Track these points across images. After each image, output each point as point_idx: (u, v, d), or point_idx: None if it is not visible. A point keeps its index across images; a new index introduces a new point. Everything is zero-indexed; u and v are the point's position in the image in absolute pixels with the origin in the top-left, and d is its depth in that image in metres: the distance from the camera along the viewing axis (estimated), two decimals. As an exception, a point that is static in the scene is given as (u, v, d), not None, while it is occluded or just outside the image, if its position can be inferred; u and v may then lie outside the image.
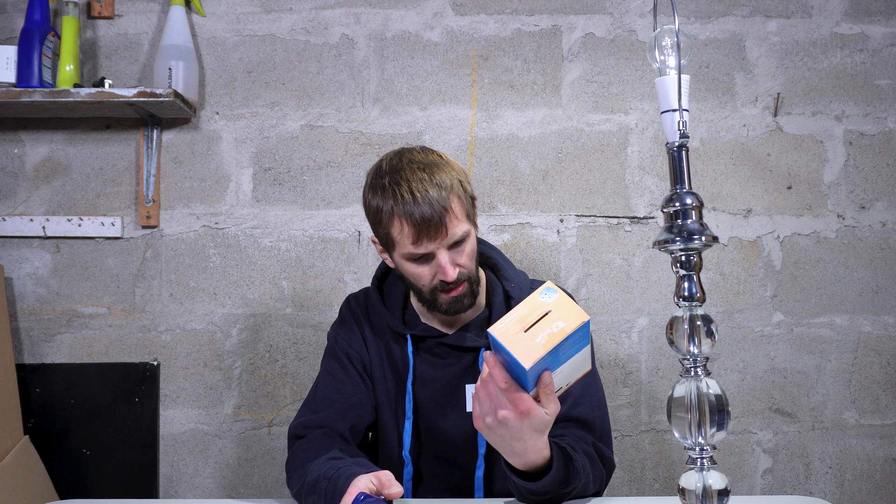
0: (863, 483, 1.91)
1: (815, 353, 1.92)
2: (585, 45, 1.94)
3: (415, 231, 1.21)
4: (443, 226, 1.21)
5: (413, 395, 1.33)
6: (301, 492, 1.16)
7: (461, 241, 1.26)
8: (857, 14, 1.95)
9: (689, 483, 0.87)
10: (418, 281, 1.27)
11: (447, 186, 1.23)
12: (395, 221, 1.23)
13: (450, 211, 1.22)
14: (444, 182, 1.23)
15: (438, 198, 1.21)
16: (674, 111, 0.88)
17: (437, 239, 1.22)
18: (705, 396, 0.86)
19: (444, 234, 1.22)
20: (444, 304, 1.28)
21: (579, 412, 1.29)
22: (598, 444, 1.26)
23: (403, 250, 1.25)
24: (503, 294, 1.37)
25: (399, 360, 1.36)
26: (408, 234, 1.22)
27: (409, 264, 1.27)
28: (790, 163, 1.93)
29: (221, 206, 1.93)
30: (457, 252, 1.26)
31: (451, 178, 1.26)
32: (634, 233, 1.92)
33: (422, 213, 1.20)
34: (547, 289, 0.98)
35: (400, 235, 1.23)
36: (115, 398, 1.89)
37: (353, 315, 1.41)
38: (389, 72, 1.94)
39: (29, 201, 1.92)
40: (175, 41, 1.86)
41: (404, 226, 1.22)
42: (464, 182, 1.29)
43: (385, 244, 1.30)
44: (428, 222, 1.20)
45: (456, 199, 1.24)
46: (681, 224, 0.87)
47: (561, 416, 1.28)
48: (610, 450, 1.30)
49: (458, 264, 1.25)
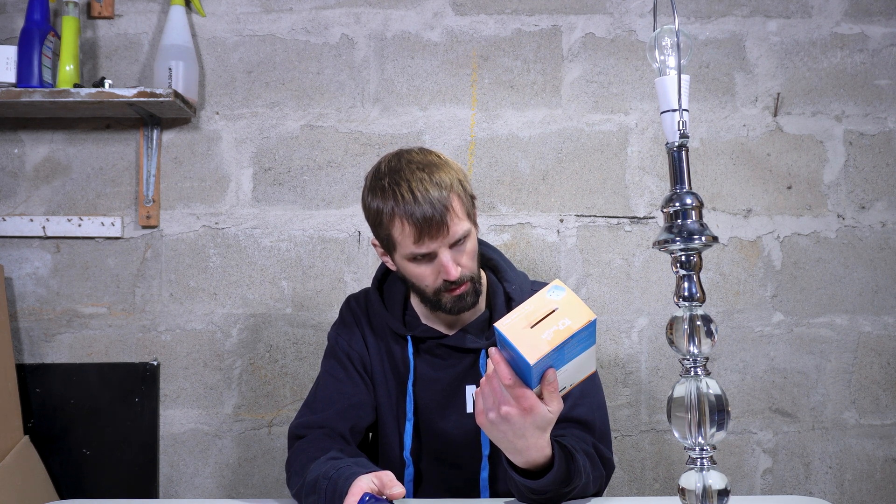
0: (863, 483, 1.91)
1: (815, 353, 1.92)
2: (585, 45, 1.94)
3: (416, 231, 1.21)
4: (444, 225, 1.22)
5: (414, 396, 1.33)
6: (301, 492, 1.16)
7: (462, 239, 1.26)
8: (857, 14, 1.95)
9: (689, 483, 0.87)
10: (421, 282, 1.27)
11: (447, 185, 1.24)
12: (396, 222, 1.23)
13: (450, 210, 1.22)
14: (444, 181, 1.24)
15: (439, 197, 1.21)
16: (674, 111, 0.88)
17: (438, 238, 1.22)
18: (705, 396, 0.86)
19: (446, 233, 1.22)
20: (447, 304, 1.27)
21: (579, 413, 1.29)
22: (597, 444, 1.27)
23: (405, 251, 1.25)
24: (504, 295, 1.37)
25: (399, 361, 1.36)
26: (409, 234, 1.22)
27: (411, 265, 1.27)
28: (790, 163, 1.93)
29: (221, 206, 1.93)
30: (458, 251, 1.26)
31: (451, 177, 1.26)
32: (634, 233, 1.92)
33: (423, 213, 1.20)
34: (555, 286, 0.99)
35: (401, 236, 1.23)
36: (115, 398, 1.89)
37: (354, 315, 1.41)
38: (389, 72, 1.94)
39: (29, 201, 1.92)
40: (175, 41, 1.86)
41: (405, 226, 1.22)
42: (463, 181, 1.29)
43: (386, 246, 1.29)
44: (429, 221, 1.21)
45: (456, 198, 1.25)
46: (681, 224, 0.87)
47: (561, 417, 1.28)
48: (610, 451, 1.31)
49: (459, 264, 1.25)
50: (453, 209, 1.23)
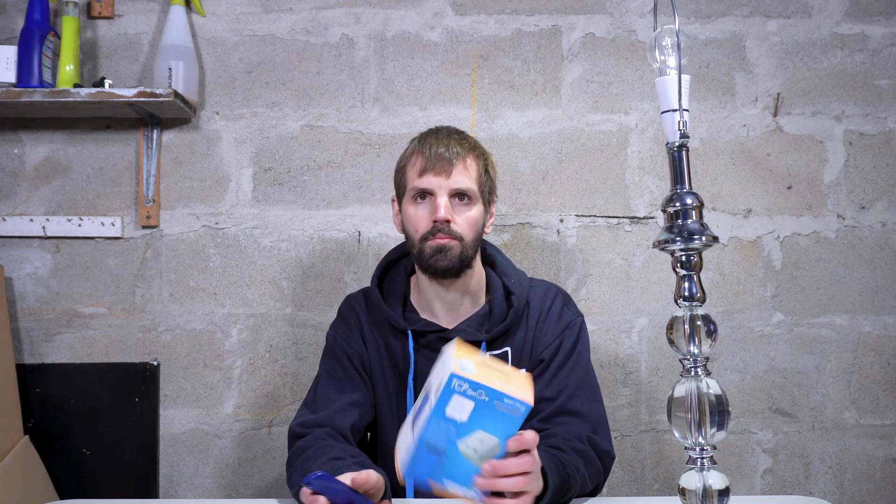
0: (863, 483, 1.91)
1: (815, 353, 1.92)
2: (585, 45, 1.94)
3: (423, 162, 1.31)
4: (450, 166, 1.30)
5: (414, 391, 1.34)
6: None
7: (465, 197, 1.32)
8: (857, 14, 1.95)
9: (689, 483, 0.87)
10: (415, 226, 1.32)
11: (470, 146, 1.35)
12: (412, 158, 1.34)
13: (462, 161, 1.31)
14: (470, 144, 1.36)
15: (458, 148, 1.32)
16: (674, 111, 0.88)
17: (440, 175, 1.29)
18: (705, 396, 0.86)
19: (448, 175, 1.29)
20: (427, 252, 1.30)
21: (574, 405, 1.30)
22: (592, 436, 1.27)
23: (410, 185, 1.33)
24: (503, 289, 1.39)
25: (399, 357, 1.36)
26: (417, 166, 1.32)
27: (411, 207, 1.33)
28: (790, 163, 1.93)
29: (221, 206, 1.93)
30: (458, 206, 1.32)
31: (480, 150, 1.37)
32: (634, 233, 1.92)
33: (435, 150, 1.31)
34: (461, 362, 0.91)
35: (411, 171, 1.33)
36: (114, 398, 1.89)
37: (354, 313, 1.42)
38: (389, 72, 1.94)
39: (29, 201, 1.92)
40: (175, 41, 1.86)
41: (417, 159, 1.32)
42: (490, 167, 1.38)
43: (398, 189, 1.38)
44: (437, 157, 1.30)
45: (473, 160, 1.34)
46: (681, 224, 0.87)
47: (556, 410, 1.30)
48: (608, 441, 1.31)
49: (453, 216, 1.30)
50: (465, 163, 1.31)
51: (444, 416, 0.91)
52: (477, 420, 0.91)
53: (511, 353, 1.36)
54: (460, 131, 1.39)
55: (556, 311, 1.39)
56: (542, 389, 1.32)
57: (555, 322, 1.38)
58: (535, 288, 1.42)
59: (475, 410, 0.90)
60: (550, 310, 1.39)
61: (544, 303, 1.39)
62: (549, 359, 1.35)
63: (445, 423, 0.91)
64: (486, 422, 0.91)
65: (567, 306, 1.42)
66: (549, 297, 1.40)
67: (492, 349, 1.36)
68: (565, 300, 1.43)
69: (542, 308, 1.39)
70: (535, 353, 1.37)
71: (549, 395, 1.32)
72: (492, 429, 0.92)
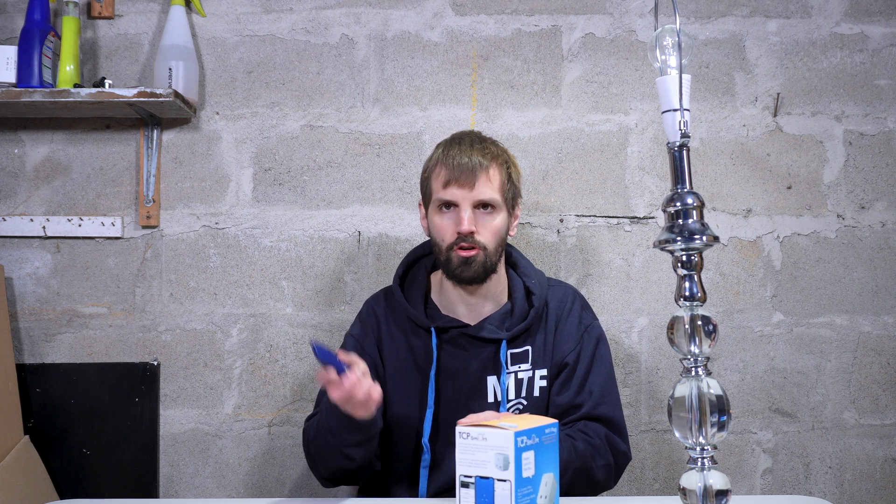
0: (863, 483, 1.91)
1: (815, 353, 1.92)
2: (585, 46, 1.94)
3: (447, 174, 1.33)
4: (474, 178, 1.32)
5: (436, 387, 1.38)
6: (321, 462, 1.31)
7: (488, 207, 1.34)
8: (857, 14, 1.95)
9: (689, 483, 0.87)
10: (441, 235, 1.35)
11: (494, 155, 1.36)
12: (437, 168, 1.36)
13: (485, 172, 1.33)
14: (493, 152, 1.37)
15: (481, 158, 1.34)
16: (675, 111, 0.88)
17: (464, 188, 1.32)
18: (706, 396, 0.86)
19: (471, 188, 1.32)
20: (454, 261, 1.34)
21: (603, 411, 1.36)
22: (610, 434, 1.34)
23: (435, 196, 1.35)
24: (524, 289, 1.43)
25: (422, 354, 1.40)
26: (442, 177, 1.34)
27: (437, 217, 1.36)
28: (790, 163, 1.93)
29: (221, 206, 1.93)
30: (481, 216, 1.34)
31: (501, 156, 1.39)
32: (634, 233, 1.92)
33: (459, 161, 1.33)
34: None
35: (436, 181, 1.35)
36: (115, 398, 1.89)
37: (372, 315, 1.47)
38: (389, 72, 1.94)
39: (29, 201, 1.92)
40: (175, 41, 1.86)
41: (442, 170, 1.35)
42: (513, 172, 1.40)
43: (425, 196, 1.41)
44: (460, 168, 1.32)
45: (496, 170, 1.35)
46: (682, 224, 0.87)
47: (584, 415, 1.37)
48: (625, 443, 1.38)
49: (477, 227, 1.32)
50: (488, 174, 1.33)
51: (522, 480, 0.89)
52: (539, 466, 0.92)
53: (531, 352, 1.40)
54: (484, 138, 1.41)
55: (576, 314, 1.45)
56: (571, 398, 1.37)
57: (575, 325, 1.43)
58: (554, 288, 1.47)
59: (536, 457, 0.91)
60: (571, 312, 1.44)
61: (563, 304, 1.45)
62: (574, 363, 1.40)
63: (524, 485, 0.89)
64: (545, 463, 0.92)
65: (585, 309, 1.48)
66: (567, 300, 1.46)
67: (511, 348, 1.40)
68: (583, 303, 1.49)
69: (560, 310, 1.44)
70: (557, 355, 1.41)
71: (577, 402, 1.37)
72: (549, 466, 0.93)
